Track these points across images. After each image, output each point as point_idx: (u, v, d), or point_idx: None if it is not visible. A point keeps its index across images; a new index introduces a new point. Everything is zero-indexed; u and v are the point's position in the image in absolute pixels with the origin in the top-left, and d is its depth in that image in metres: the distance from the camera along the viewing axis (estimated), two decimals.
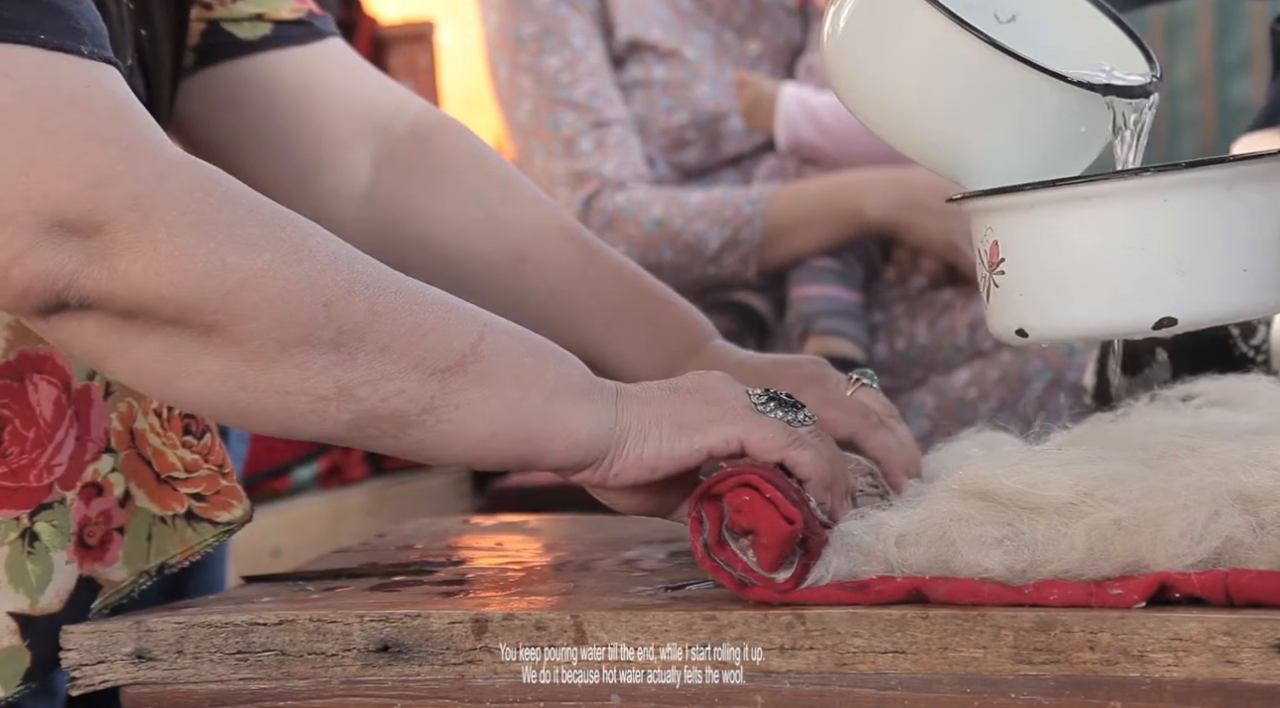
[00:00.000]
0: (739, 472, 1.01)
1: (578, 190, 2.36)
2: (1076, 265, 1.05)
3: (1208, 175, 1.03)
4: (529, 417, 1.03)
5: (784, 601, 0.99)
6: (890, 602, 0.98)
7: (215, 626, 1.05)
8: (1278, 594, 0.92)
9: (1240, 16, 3.41)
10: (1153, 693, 0.91)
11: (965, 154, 1.10)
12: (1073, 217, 1.04)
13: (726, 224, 2.33)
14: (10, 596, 1.09)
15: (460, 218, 1.37)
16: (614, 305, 1.34)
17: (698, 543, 1.01)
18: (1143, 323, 1.04)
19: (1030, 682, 0.93)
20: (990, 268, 1.09)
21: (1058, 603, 0.95)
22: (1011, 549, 0.98)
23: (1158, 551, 0.95)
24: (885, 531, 1.01)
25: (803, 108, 2.37)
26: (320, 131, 1.37)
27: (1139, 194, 1.03)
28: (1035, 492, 1.00)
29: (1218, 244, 1.03)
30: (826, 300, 2.33)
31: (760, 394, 1.07)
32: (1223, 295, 1.04)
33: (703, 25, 2.46)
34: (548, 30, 2.38)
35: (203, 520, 1.17)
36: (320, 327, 0.99)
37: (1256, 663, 0.90)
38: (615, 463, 1.04)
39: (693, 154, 2.44)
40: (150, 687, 1.06)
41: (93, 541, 1.13)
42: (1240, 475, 0.97)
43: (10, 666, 1.09)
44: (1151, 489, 0.99)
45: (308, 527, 2.52)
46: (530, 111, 2.40)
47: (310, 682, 1.04)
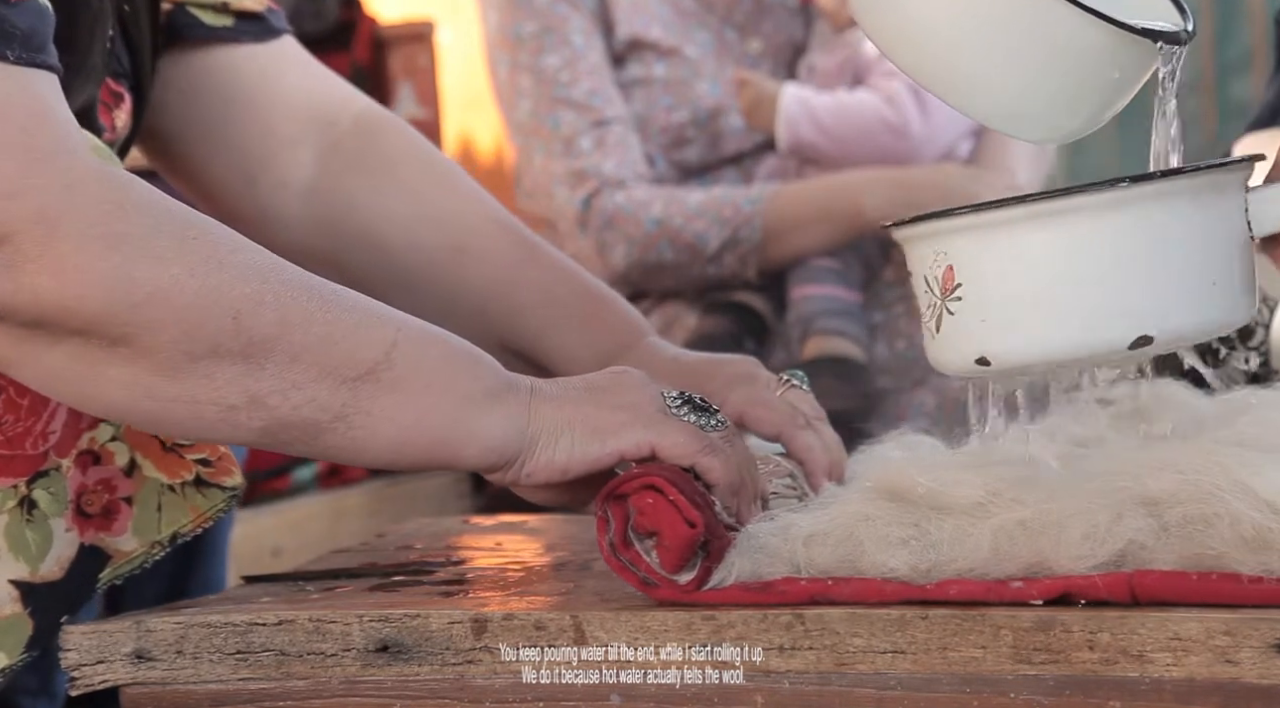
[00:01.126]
0: (644, 473, 1.02)
1: (577, 189, 2.36)
2: (1043, 286, 1.00)
3: (1175, 186, 1.00)
4: (441, 423, 1.04)
5: (689, 601, 1.00)
6: (790, 603, 0.98)
7: (215, 626, 1.05)
8: (1181, 595, 0.93)
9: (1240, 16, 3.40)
10: (1152, 693, 0.91)
11: (996, 94, 1.06)
12: (1037, 235, 1.00)
13: (726, 223, 2.33)
14: (10, 564, 1.09)
15: (399, 211, 1.39)
16: (551, 300, 1.36)
17: (604, 542, 1.02)
18: (1118, 343, 1.01)
19: (1030, 682, 0.93)
20: (943, 295, 1.04)
21: (957, 598, 0.96)
22: (917, 549, 0.99)
23: (1061, 552, 0.96)
24: (794, 531, 1.02)
25: (803, 108, 2.37)
26: (270, 128, 1.39)
27: (1107, 208, 0.99)
28: (947, 491, 1.01)
29: (1189, 257, 1.00)
30: (826, 300, 2.33)
31: (675, 397, 1.08)
32: (1195, 310, 1.01)
33: (704, 24, 2.46)
34: (547, 29, 2.38)
35: (211, 486, 1.16)
36: (229, 338, 0.99)
37: (1256, 663, 0.89)
38: (527, 465, 1.06)
39: (693, 152, 2.44)
40: (150, 687, 1.06)
41: (92, 509, 1.13)
42: (1145, 479, 0.97)
43: (12, 634, 1.09)
44: (1057, 492, 1.00)
45: (307, 527, 2.53)
46: (530, 110, 2.40)
47: (310, 682, 1.04)
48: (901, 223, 1.06)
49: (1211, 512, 0.95)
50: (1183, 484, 0.96)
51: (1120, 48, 1.03)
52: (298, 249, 1.39)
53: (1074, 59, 1.03)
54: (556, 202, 2.38)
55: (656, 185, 2.38)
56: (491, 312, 1.35)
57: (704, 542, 1.00)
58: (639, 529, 1.01)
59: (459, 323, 1.34)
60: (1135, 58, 1.04)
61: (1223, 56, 3.41)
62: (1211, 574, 0.93)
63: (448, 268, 1.37)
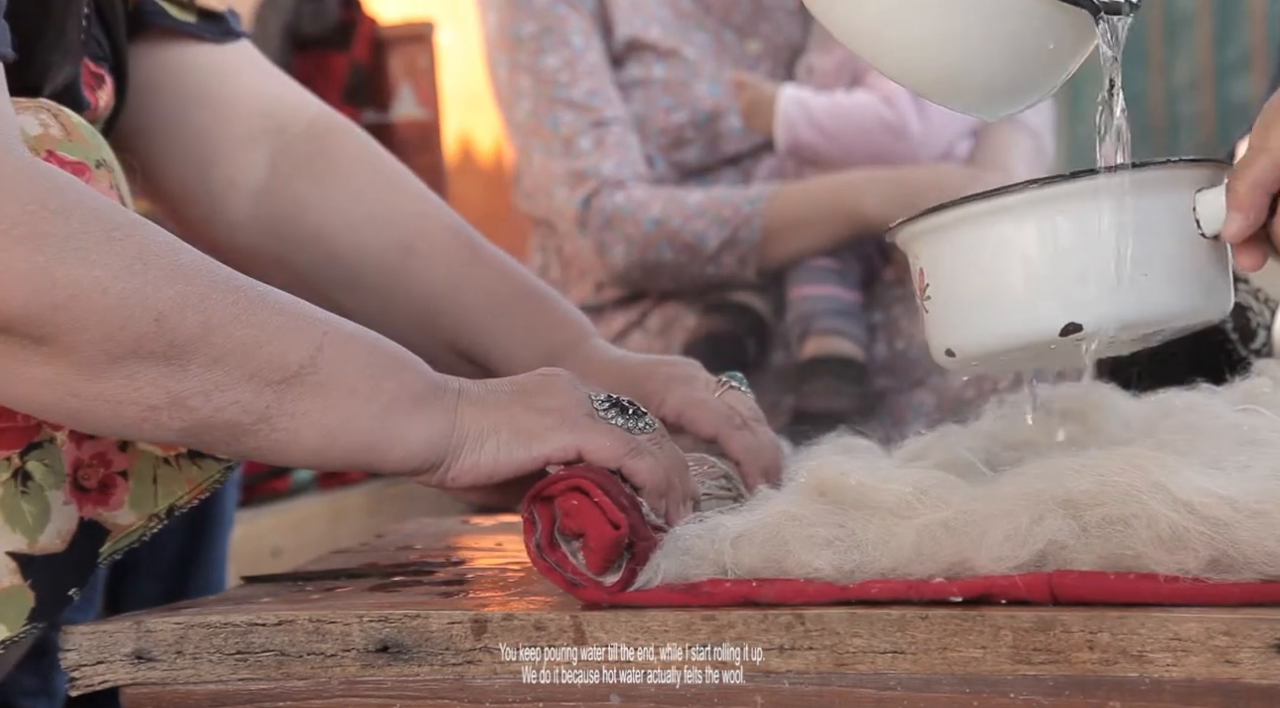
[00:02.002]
0: (570, 476, 1.02)
1: (576, 189, 2.36)
2: (985, 280, 1.07)
3: (1103, 183, 1.05)
4: (365, 427, 1.05)
5: (612, 603, 1.01)
6: (719, 604, 0.99)
7: (215, 626, 1.05)
8: (1099, 594, 0.94)
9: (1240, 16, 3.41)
10: (1152, 693, 0.92)
11: (933, 64, 1.09)
12: (978, 233, 1.07)
13: (725, 223, 2.33)
14: (7, 535, 1.09)
15: (348, 213, 1.40)
16: (496, 300, 1.37)
17: (530, 543, 1.02)
18: (1049, 331, 1.06)
19: (1029, 682, 0.93)
20: (920, 294, 1.11)
21: (878, 597, 0.97)
22: (842, 549, 1.00)
23: (982, 552, 0.97)
24: (722, 532, 1.02)
25: (801, 109, 2.37)
26: (224, 128, 1.40)
27: (1037, 205, 1.05)
28: (877, 487, 1.02)
29: (1117, 251, 1.04)
30: (826, 300, 2.33)
31: (603, 400, 1.09)
32: (1125, 301, 1.05)
33: (702, 25, 2.46)
34: (547, 30, 2.38)
35: (206, 457, 1.17)
36: (151, 340, 0.99)
37: (1256, 663, 0.90)
38: (452, 469, 1.07)
39: (692, 153, 2.44)
40: (150, 687, 1.06)
41: (89, 483, 1.13)
42: (1066, 481, 0.99)
43: (13, 606, 1.09)
44: (981, 493, 1.01)
45: (307, 527, 2.53)
46: (529, 111, 2.40)
47: (310, 682, 1.04)
48: (892, 228, 1.12)
49: (1130, 513, 0.96)
50: (1102, 486, 0.98)
51: (1055, 16, 1.05)
52: (247, 250, 1.41)
53: (1009, 28, 1.05)
54: (556, 202, 2.38)
55: (656, 186, 2.38)
56: (437, 314, 1.37)
57: (629, 544, 1.01)
58: (565, 531, 1.02)
59: (407, 324, 1.37)
60: (1071, 28, 1.06)
61: (1222, 56, 3.41)
62: (1129, 574, 0.95)
63: (395, 268, 1.38)
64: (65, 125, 1.13)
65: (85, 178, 1.12)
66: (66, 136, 1.13)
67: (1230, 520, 0.94)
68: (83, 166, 1.12)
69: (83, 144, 1.13)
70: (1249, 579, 0.93)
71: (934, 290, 1.10)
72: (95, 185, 1.12)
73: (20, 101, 1.12)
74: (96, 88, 1.26)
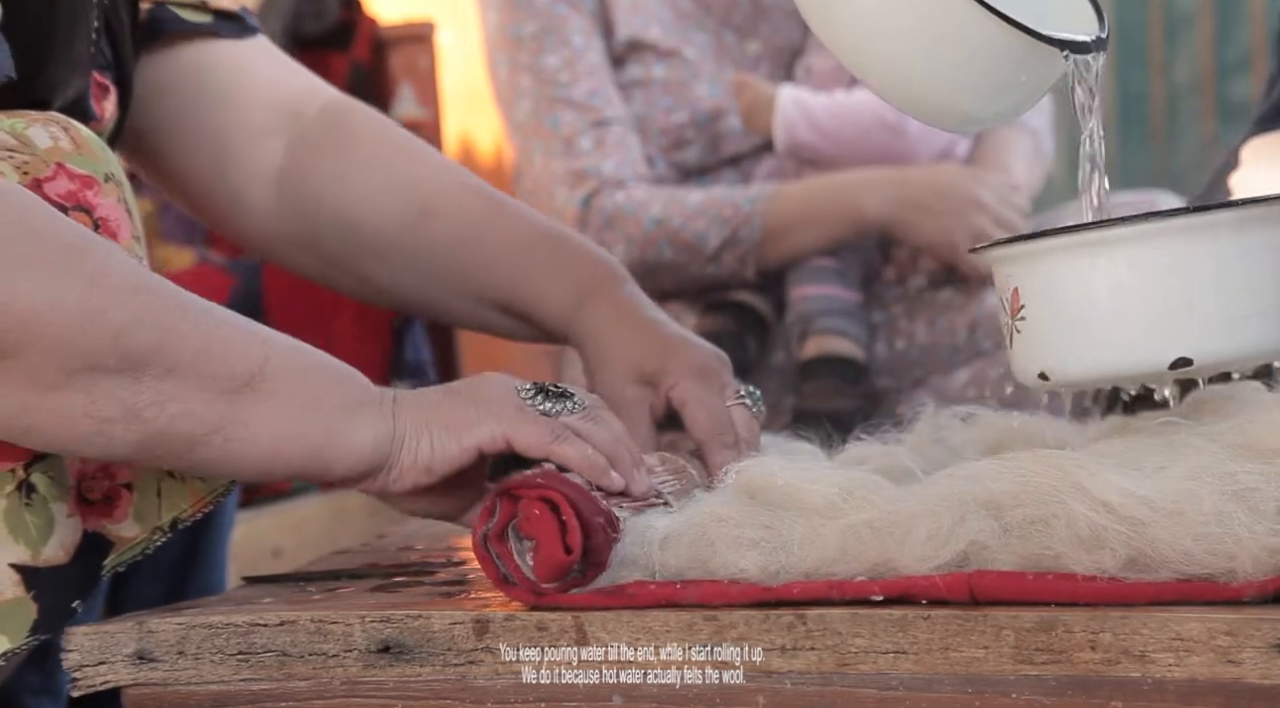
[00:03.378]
0: (548, 485, 1.02)
1: (577, 189, 2.36)
2: (1091, 310, 1.08)
3: (1215, 219, 1.06)
4: (314, 433, 1.07)
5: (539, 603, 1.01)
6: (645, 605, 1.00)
7: (216, 626, 1.05)
8: (1018, 594, 0.95)
9: (1240, 16, 3.41)
10: (1154, 693, 0.92)
11: (917, 85, 1.12)
12: (1087, 262, 1.07)
13: (726, 223, 2.33)
14: (10, 547, 1.08)
15: (364, 183, 1.41)
16: (521, 249, 1.38)
17: (479, 530, 1.03)
18: (1158, 364, 1.07)
19: (1031, 682, 0.94)
20: (1012, 315, 1.12)
21: (800, 598, 0.97)
22: (768, 550, 1.01)
23: (905, 552, 0.98)
24: (650, 535, 1.03)
25: (800, 110, 2.37)
26: (244, 121, 1.42)
27: (1151, 239, 1.06)
28: (804, 488, 1.03)
29: (1230, 286, 1.06)
30: (826, 300, 2.32)
31: (528, 389, 1.11)
32: (1237, 336, 1.07)
33: (702, 25, 2.45)
34: (547, 29, 2.38)
35: None
36: (106, 355, 1.01)
37: (1258, 663, 0.90)
38: (394, 469, 1.09)
39: (692, 154, 2.44)
40: (151, 688, 1.06)
41: (94, 496, 1.13)
42: (988, 482, 1.00)
43: (15, 618, 1.08)
44: (905, 494, 1.02)
45: (308, 528, 2.53)
46: (530, 111, 2.40)
47: (311, 683, 1.04)
48: (981, 248, 1.13)
49: (1049, 513, 0.97)
50: (1023, 486, 0.99)
51: (1029, 53, 1.10)
52: (274, 235, 1.43)
53: (987, 60, 1.10)
54: (556, 201, 2.38)
55: (656, 186, 2.38)
56: (464, 268, 1.38)
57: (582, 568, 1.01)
58: (521, 531, 1.02)
59: (435, 283, 1.38)
60: (1042, 63, 1.11)
61: (1222, 57, 3.41)
62: (1047, 574, 0.96)
63: (416, 231, 1.40)
64: (75, 139, 1.14)
65: (94, 191, 1.13)
66: (76, 150, 1.13)
67: (1148, 520, 0.95)
68: (91, 180, 1.13)
69: (92, 158, 1.14)
70: (1165, 579, 0.94)
71: (1030, 313, 1.10)
72: (104, 199, 1.13)
73: (30, 114, 1.12)
74: (102, 98, 1.27)
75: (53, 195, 1.10)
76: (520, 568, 1.02)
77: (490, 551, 1.03)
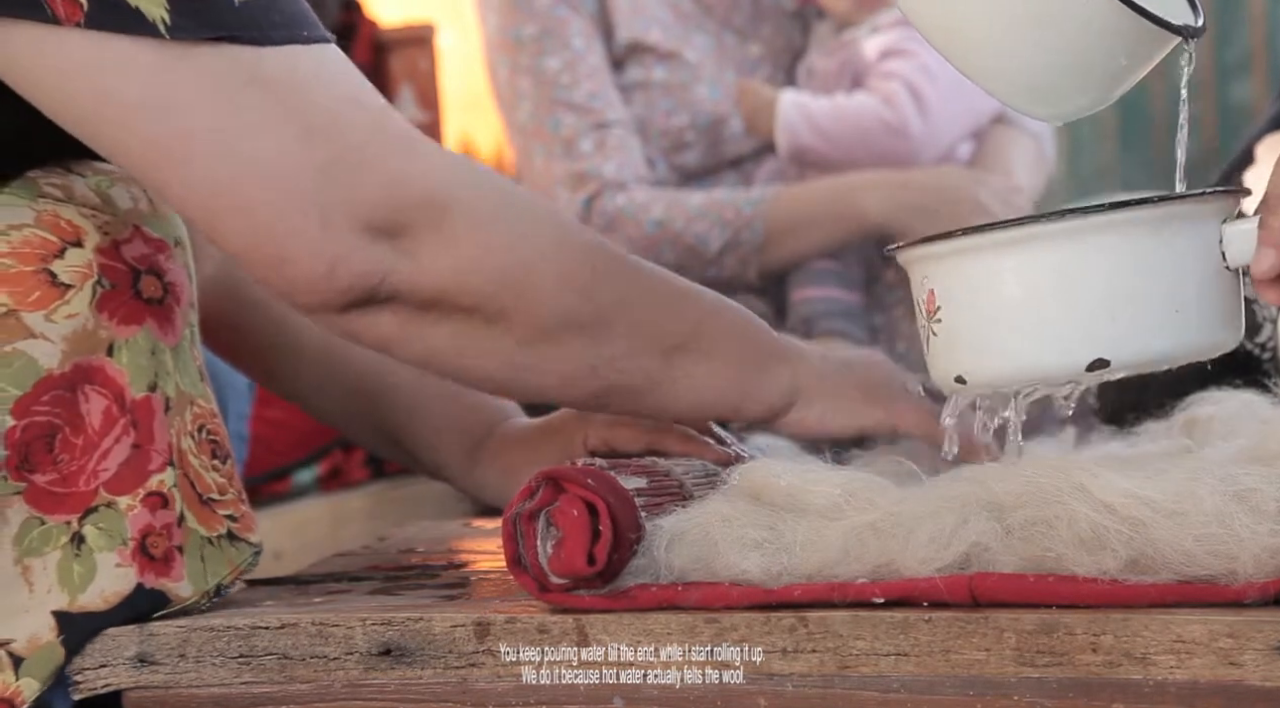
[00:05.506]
0: (597, 489, 1.01)
1: (578, 191, 2.36)
2: (1007, 310, 1.05)
3: (1135, 216, 1.03)
4: (733, 387, 1.18)
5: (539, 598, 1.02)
6: (646, 607, 1.00)
7: (217, 629, 1.05)
8: (1019, 596, 0.95)
9: (1240, 18, 3.41)
10: (1155, 695, 0.92)
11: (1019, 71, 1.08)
12: (1002, 262, 1.05)
13: (727, 225, 2.33)
14: (56, 595, 1.08)
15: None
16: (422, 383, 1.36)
17: (514, 506, 1.02)
18: (1075, 366, 1.04)
19: (1033, 684, 0.94)
20: (928, 316, 1.09)
21: (801, 599, 0.98)
22: (770, 551, 1.01)
23: (908, 554, 0.98)
24: (658, 536, 1.03)
25: (802, 113, 2.37)
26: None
27: (1067, 237, 1.03)
28: (807, 490, 1.04)
29: (1148, 286, 1.03)
30: (827, 302, 2.32)
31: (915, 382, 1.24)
32: (1155, 337, 1.04)
33: (703, 27, 2.45)
34: (547, 32, 2.38)
35: (240, 540, 1.16)
36: (578, 312, 1.11)
37: (1259, 665, 0.90)
38: (783, 417, 1.21)
39: (693, 156, 2.44)
40: (153, 691, 1.06)
41: (156, 552, 1.12)
42: (992, 485, 1.00)
43: (46, 664, 1.07)
44: (907, 496, 1.02)
45: (309, 530, 2.53)
46: (530, 113, 2.40)
47: (312, 685, 1.04)
48: (895, 248, 1.11)
49: (1052, 514, 0.97)
50: (1026, 488, 0.99)
51: (1136, 34, 1.05)
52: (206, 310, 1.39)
53: (1091, 41, 1.05)
54: (557, 204, 2.38)
55: (657, 188, 2.38)
56: (371, 392, 1.37)
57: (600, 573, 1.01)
58: (553, 520, 1.02)
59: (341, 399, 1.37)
60: (1146, 46, 1.07)
61: (1223, 58, 3.41)
62: (1048, 576, 0.96)
63: (335, 346, 1.37)
64: (152, 201, 1.15)
65: (165, 256, 1.13)
66: (153, 212, 1.14)
67: (1149, 521, 0.95)
68: (164, 245, 1.14)
69: (165, 221, 1.15)
70: (1166, 580, 0.94)
71: (946, 315, 1.08)
72: (172, 263, 1.14)
73: (116, 172, 1.13)
74: None
75: (129, 258, 1.11)
76: (538, 555, 1.01)
77: (517, 529, 1.02)
